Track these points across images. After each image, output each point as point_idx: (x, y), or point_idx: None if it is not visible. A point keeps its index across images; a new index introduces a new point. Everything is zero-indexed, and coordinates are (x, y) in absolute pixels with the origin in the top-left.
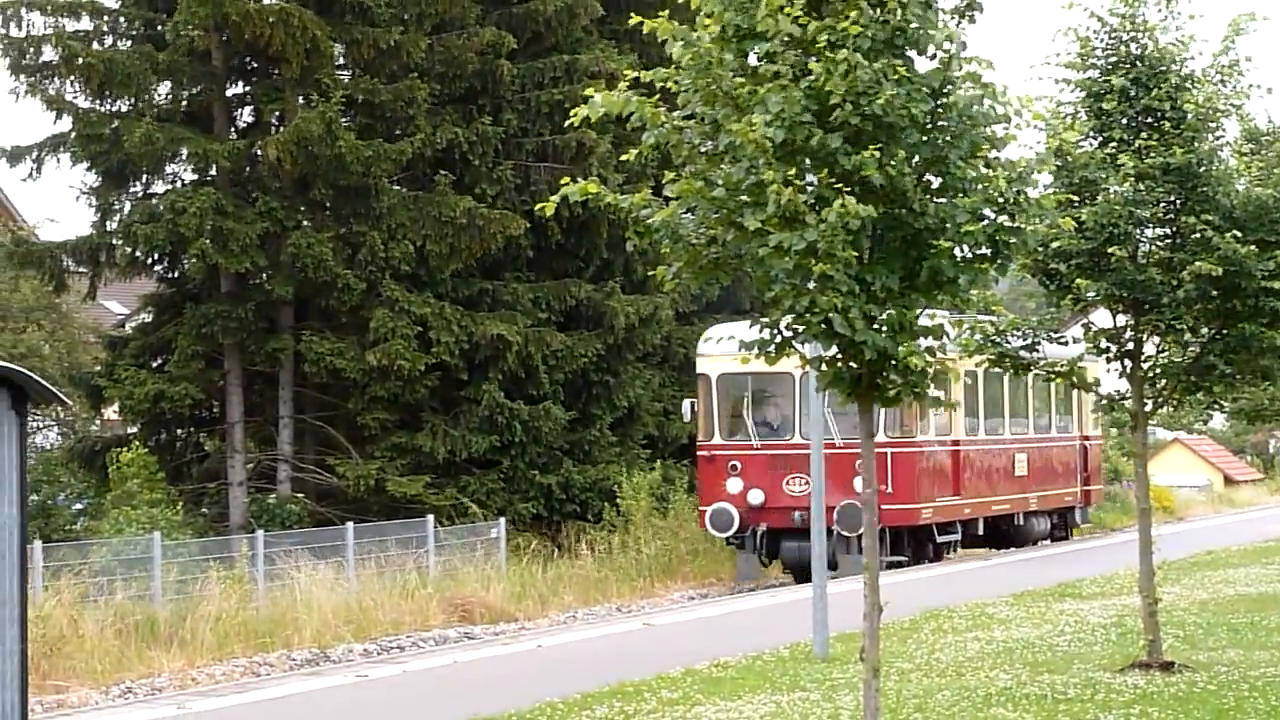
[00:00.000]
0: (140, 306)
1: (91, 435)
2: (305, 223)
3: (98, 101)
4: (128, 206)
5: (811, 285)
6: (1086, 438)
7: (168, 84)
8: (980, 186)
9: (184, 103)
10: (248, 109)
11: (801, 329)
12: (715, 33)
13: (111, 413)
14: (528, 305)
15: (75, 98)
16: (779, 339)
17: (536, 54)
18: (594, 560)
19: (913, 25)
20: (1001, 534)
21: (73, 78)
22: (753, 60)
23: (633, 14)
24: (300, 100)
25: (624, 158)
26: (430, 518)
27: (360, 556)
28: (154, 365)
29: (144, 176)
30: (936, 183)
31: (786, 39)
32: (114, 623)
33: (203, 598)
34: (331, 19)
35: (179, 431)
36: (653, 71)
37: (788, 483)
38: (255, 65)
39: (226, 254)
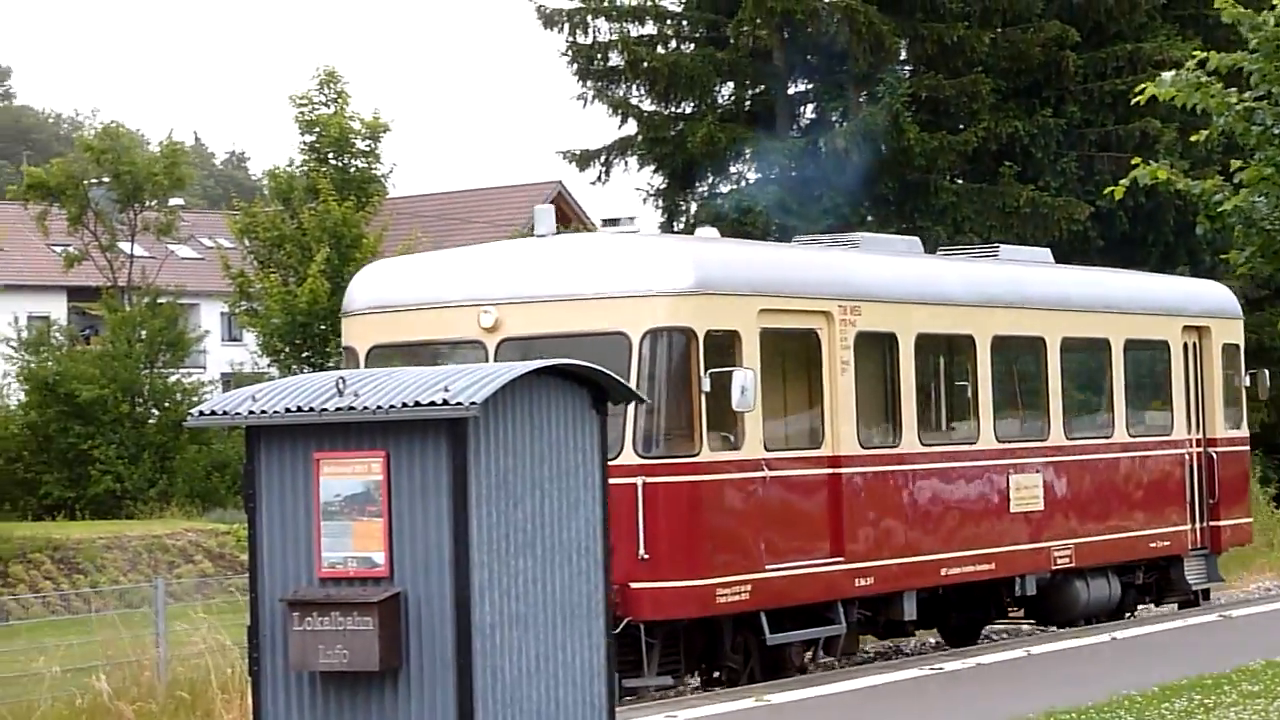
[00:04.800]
0: None
1: None
2: (869, 218)
3: (662, 104)
4: (694, 207)
5: None
6: (1212, 442)
7: (730, 85)
8: None
9: (746, 102)
10: (809, 107)
11: None
12: None
13: None
14: None
15: (640, 101)
16: None
17: (1098, 44)
18: None
19: None
20: (998, 606)
21: (638, 81)
22: None
23: None
24: (862, 96)
25: (1193, 139)
26: None
27: None
28: None
29: (709, 176)
30: None
31: None
32: None
33: None
34: (897, 15)
35: None
36: (1219, 56)
37: None
38: (817, 63)
39: None
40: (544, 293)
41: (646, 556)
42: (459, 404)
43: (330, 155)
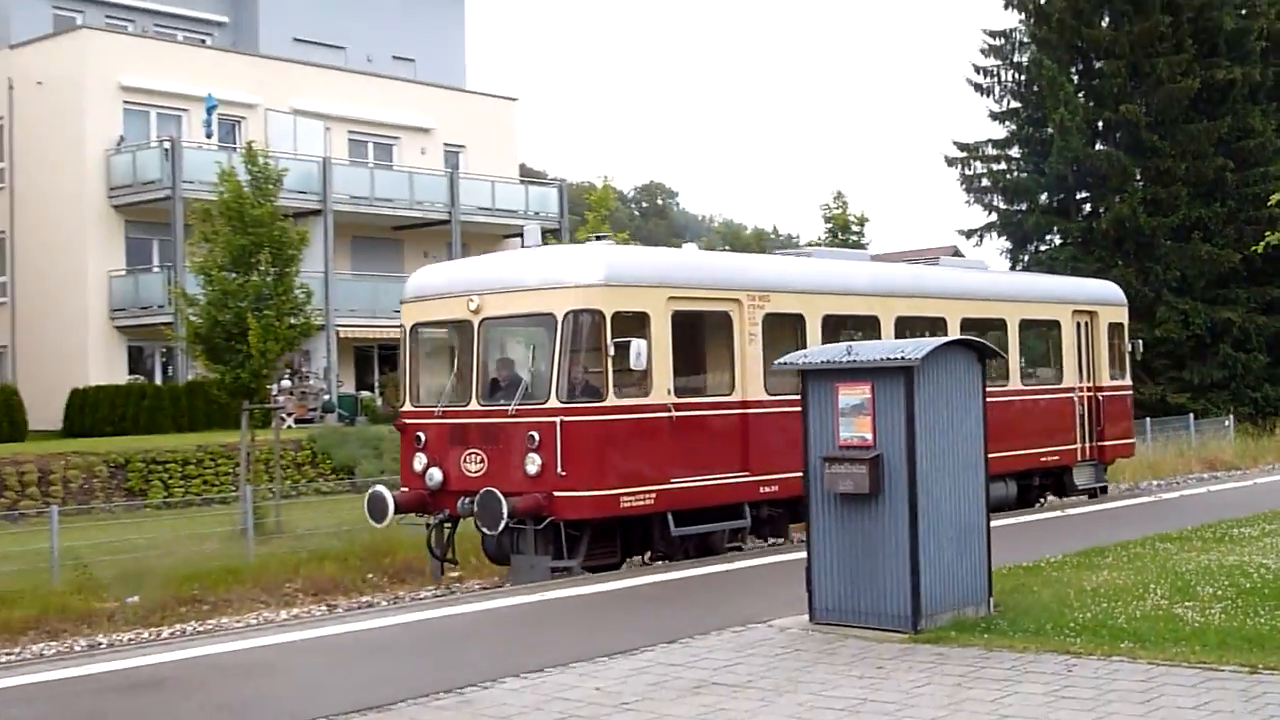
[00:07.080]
0: None
1: None
2: (1119, 263)
3: (1009, 204)
4: (1026, 259)
5: None
6: (1100, 388)
7: (1045, 193)
8: None
9: (1055, 202)
10: (1087, 205)
11: None
12: None
13: None
14: (1243, 300)
15: (997, 202)
16: None
17: (1247, 168)
18: None
19: None
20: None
21: (996, 194)
22: None
23: None
24: (1117, 199)
25: None
26: (1191, 415)
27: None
28: None
29: (1035, 243)
30: None
31: None
32: None
33: None
34: (1134, 153)
35: None
36: None
37: (465, 460)
38: (1091, 181)
39: None
40: (509, 286)
41: (564, 473)
42: (910, 359)
43: (838, 233)
